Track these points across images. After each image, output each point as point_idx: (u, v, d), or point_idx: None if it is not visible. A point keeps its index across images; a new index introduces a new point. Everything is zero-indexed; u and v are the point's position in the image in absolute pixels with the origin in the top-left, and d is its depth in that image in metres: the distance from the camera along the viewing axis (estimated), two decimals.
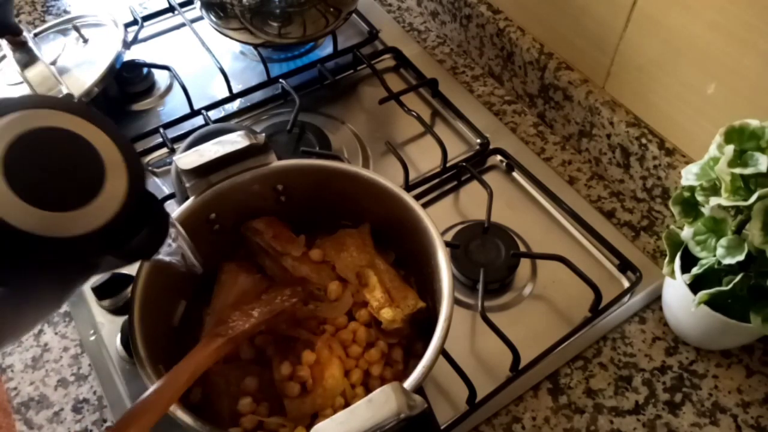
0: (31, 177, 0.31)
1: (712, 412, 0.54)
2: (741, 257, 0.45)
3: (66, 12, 0.91)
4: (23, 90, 0.67)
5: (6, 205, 0.30)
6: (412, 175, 0.68)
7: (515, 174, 0.70)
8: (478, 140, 0.72)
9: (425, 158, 0.71)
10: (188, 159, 0.46)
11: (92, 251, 0.33)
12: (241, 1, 0.69)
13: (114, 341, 0.57)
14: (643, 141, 0.63)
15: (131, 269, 0.44)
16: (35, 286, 0.35)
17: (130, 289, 0.44)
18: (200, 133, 0.61)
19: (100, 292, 0.58)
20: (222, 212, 0.50)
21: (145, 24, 0.87)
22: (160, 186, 0.70)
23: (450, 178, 0.69)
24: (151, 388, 0.39)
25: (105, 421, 0.54)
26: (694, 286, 0.50)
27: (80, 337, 0.59)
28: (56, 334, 0.59)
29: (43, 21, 0.89)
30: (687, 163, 0.57)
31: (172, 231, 0.40)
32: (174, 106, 0.78)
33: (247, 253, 0.53)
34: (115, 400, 0.54)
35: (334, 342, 0.48)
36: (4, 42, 0.67)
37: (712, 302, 0.49)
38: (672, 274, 0.52)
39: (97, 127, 0.34)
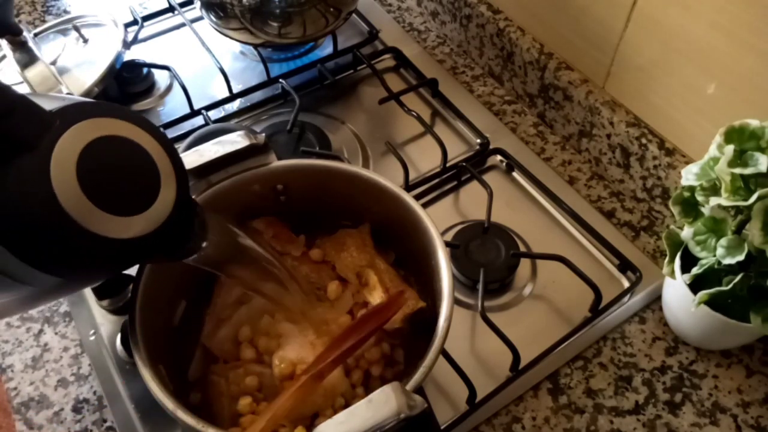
0: (100, 182, 0.33)
1: (712, 412, 0.54)
2: (741, 257, 0.45)
3: (66, 12, 0.91)
4: (23, 90, 0.67)
5: (78, 206, 0.32)
6: (412, 175, 0.68)
7: (515, 174, 0.70)
8: (478, 140, 0.72)
9: (425, 158, 0.71)
10: (188, 159, 0.46)
11: (146, 252, 0.36)
12: (241, 1, 0.69)
13: (114, 341, 0.57)
14: (643, 141, 0.63)
15: (131, 269, 0.44)
16: (87, 278, 0.39)
17: (130, 289, 0.44)
18: (200, 133, 0.61)
19: (100, 292, 0.58)
20: (222, 212, 0.50)
21: (145, 24, 0.87)
22: None
23: (450, 178, 0.69)
24: None
25: (105, 421, 0.54)
26: (694, 286, 0.50)
27: (80, 337, 0.59)
28: (56, 334, 0.59)
29: (43, 21, 0.89)
30: (687, 163, 0.57)
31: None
32: (174, 106, 0.78)
33: None
34: (115, 400, 0.54)
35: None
36: (4, 42, 0.67)
37: (712, 302, 0.49)
38: (672, 274, 0.52)
39: (153, 138, 0.37)
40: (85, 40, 0.74)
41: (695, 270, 0.49)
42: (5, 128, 0.30)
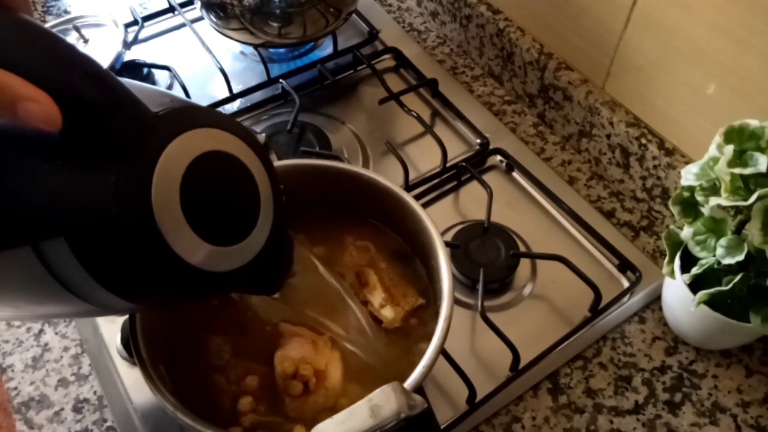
0: (202, 205, 0.29)
1: (711, 412, 0.54)
2: (741, 257, 0.45)
3: (66, 12, 0.91)
4: None
5: (176, 231, 0.28)
6: (412, 175, 0.68)
7: (515, 174, 0.70)
8: (478, 140, 0.72)
9: (425, 158, 0.71)
10: None
11: (232, 285, 0.32)
12: (242, 1, 0.69)
13: (114, 341, 0.57)
14: (643, 141, 0.63)
15: None
16: (157, 306, 0.35)
17: None
18: None
19: None
20: None
21: (146, 24, 0.87)
22: None
23: (450, 178, 0.69)
24: None
25: (105, 421, 0.54)
26: (694, 286, 0.50)
27: (80, 337, 0.59)
28: (56, 334, 0.59)
29: (43, 21, 0.88)
30: (687, 163, 0.57)
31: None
32: None
33: None
34: (115, 400, 0.55)
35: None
36: None
37: (711, 302, 0.49)
38: (672, 274, 0.52)
39: (257, 157, 0.33)
40: (86, 41, 0.74)
41: (695, 270, 0.49)
42: (108, 128, 0.26)
